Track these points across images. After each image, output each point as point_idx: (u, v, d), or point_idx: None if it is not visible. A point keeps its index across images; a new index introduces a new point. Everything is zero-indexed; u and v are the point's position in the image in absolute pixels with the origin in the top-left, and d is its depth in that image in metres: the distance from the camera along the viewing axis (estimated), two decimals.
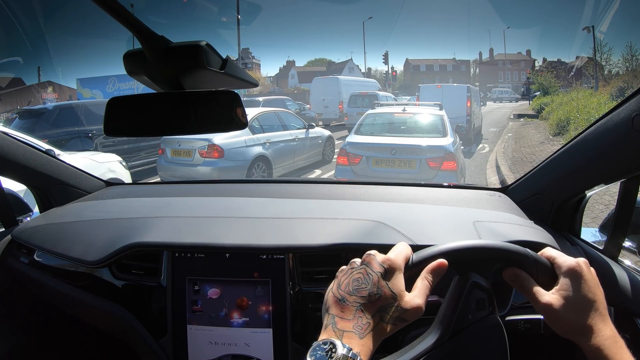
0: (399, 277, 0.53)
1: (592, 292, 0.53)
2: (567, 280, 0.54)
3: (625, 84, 11.56)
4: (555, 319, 0.53)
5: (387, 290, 0.51)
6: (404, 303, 0.51)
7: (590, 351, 0.51)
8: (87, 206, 1.23)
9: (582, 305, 0.52)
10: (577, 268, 0.54)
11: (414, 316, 0.51)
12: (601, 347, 0.50)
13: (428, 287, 0.53)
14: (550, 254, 0.57)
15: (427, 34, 50.27)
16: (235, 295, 0.93)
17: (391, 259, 0.54)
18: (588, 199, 1.02)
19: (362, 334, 0.48)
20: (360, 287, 0.51)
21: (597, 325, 0.52)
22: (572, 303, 0.52)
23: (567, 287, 0.53)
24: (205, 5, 13.19)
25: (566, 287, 0.53)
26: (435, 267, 0.54)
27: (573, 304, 0.52)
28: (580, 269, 0.54)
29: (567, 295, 0.53)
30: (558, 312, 0.52)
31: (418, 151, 4.38)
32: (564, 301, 0.53)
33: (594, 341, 0.51)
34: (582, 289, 0.53)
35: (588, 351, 0.51)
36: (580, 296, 0.53)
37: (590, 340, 0.51)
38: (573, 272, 0.54)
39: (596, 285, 0.54)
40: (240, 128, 0.64)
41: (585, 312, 0.52)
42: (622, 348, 0.51)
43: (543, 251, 0.58)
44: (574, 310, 0.52)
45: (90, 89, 15.06)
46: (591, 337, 0.51)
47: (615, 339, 0.51)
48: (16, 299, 1.13)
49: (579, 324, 0.52)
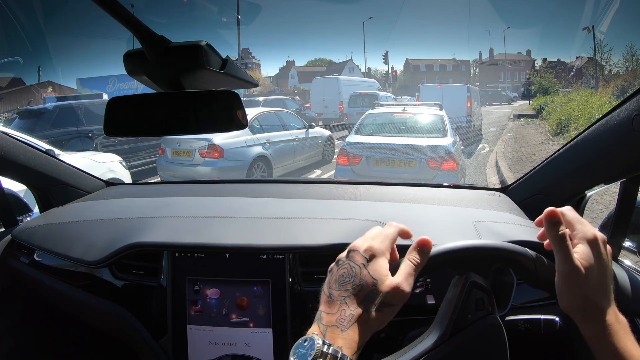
0: (381, 263, 0.51)
1: (604, 271, 0.50)
2: (586, 248, 0.51)
3: (625, 84, 11.55)
4: (571, 289, 0.49)
5: (368, 278, 0.50)
6: (384, 286, 0.49)
7: (591, 335, 0.49)
8: (87, 206, 1.23)
9: (594, 282, 0.49)
10: (595, 240, 0.51)
11: (397, 299, 0.49)
12: (605, 331, 0.48)
13: (412, 267, 0.51)
14: (571, 217, 0.53)
15: (427, 34, 50.35)
16: (235, 295, 0.93)
17: (374, 248, 0.52)
18: (588, 199, 1.02)
19: (345, 327, 0.47)
20: (344, 281, 0.51)
21: (604, 308, 0.49)
22: (588, 275, 0.49)
23: (585, 256, 0.50)
24: (205, 5, 13.19)
25: (584, 256, 0.50)
26: (417, 245, 0.53)
27: (588, 277, 0.49)
28: (598, 241, 0.51)
29: (586, 265, 0.49)
30: (579, 281, 0.49)
31: (418, 151, 4.38)
32: (583, 271, 0.49)
33: (598, 324, 0.48)
34: (597, 263, 0.50)
35: (589, 334, 0.49)
36: (594, 270, 0.50)
37: (593, 322, 0.49)
38: (592, 241, 0.51)
39: (608, 265, 0.51)
40: (240, 128, 0.64)
41: (594, 290, 0.49)
42: (627, 334, 0.48)
43: (564, 210, 0.54)
44: (587, 284, 0.49)
45: (90, 89, 15.06)
46: (595, 319, 0.49)
47: (619, 324, 0.49)
48: (16, 299, 1.13)
49: (586, 301, 0.49)
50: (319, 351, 0.44)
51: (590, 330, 0.49)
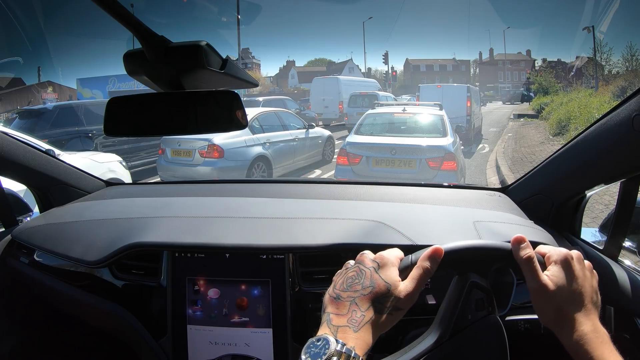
0: (391, 270, 0.54)
1: (578, 284, 0.53)
2: (557, 267, 0.54)
3: (625, 84, 11.55)
4: (543, 303, 0.53)
5: (380, 282, 0.52)
6: (398, 292, 0.52)
7: (569, 344, 0.51)
8: (87, 206, 1.23)
9: (567, 296, 0.52)
10: (567, 257, 0.54)
11: (407, 303, 0.52)
12: (580, 341, 0.49)
13: (422, 275, 0.53)
14: (543, 251, 0.57)
15: (427, 34, 50.36)
16: (235, 295, 0.93)
17: (383, 255, 0.55)
18: (588, 199, 1.02)
19: (356, 328, 0.48)
20: (354, 283, 0.52)
21: (579, 319, 0.51)
22: (558, 291, 0.52)
23: (555, 273, 0.53)
24: (205, 5, 13.19)
25: (555, 273, 0.53)
26: (431, 254, 0.54)
27: (559, 293, 0.52)
28: (569, 259, 0.54)
29: (555, 282, 0.52)
30: (549, 295, 0.52)
31: (418, 151, 4.38)
32: (553, 288, 0.52)
33: (573, 334, 0.50)
34: (568, 279, 0.53)
35: (567, 345, 0.51)
36: (566, 285, 0.52)
37: (569, 332, 0.50)
38: (562, 261, 0.54)
39: (584, 279, 0.54)
40: (240, 128, 0.64)
41: (568, 303, 0.52)
42: (604, 344, 0.50)
43: (538, 248, 0.57)
44: (559, 298, 0.52)
45: (90, 89, 15.07)
46: (571, 329, 0.51)
47: (596, 334, 0.50)
48: (16, 299, 1.13)
49: (561, 314, 0.51)
50: (334, 350, 0.45)
51: (567, 340, 0.51)
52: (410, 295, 0.52)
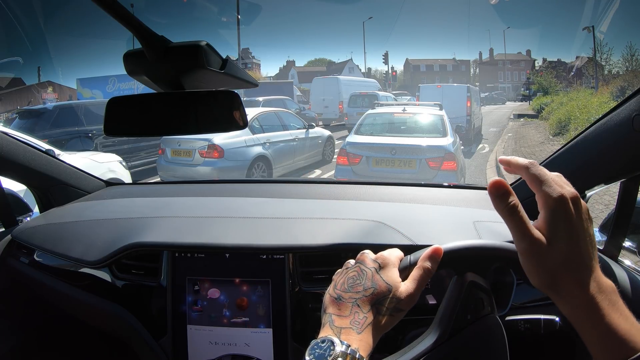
0: (393, 271, 0.53)
1: (577, 236, 0.43)
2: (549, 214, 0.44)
3: (625, 84, 11.55)
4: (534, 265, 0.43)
5: (381, 283, 0.52)
6: (399, 293, 0.51)
7: (569, 312, 0.43)
8: (87, 206, 1.23)
9: (564, 253, 0.42)
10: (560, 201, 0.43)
11: (408, 304, 0.52)
12: (584, 308, 0.41)
13: (423, 276, 0.53)
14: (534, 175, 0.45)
15: (427, 34, 50.37)
16: (235, 295, 0.93)
17: (384, 255, 0.55)
18: (588, 199, 1.02)
19: (360, 329, 0.48)
20: (355, 284, 0.52)
21: (581, 281, 0.42)
22: (553, 248, 0.43)
23: (549, 224, 0.43)
24: (205, 5, 13.19)
25: (548, 223, 0.43)
26: (431, 254, 0.54)
27: (554, 250, 0.43)
28: (565, 202, 0.43)
29: (549, 237, 0.43)
30: (541, 255, 0.43)
31: (418, 151, 4.38)
32: (546, 244, 0.43)
33: (575, 300, 0.42)
34: (564, 231, 0.43)
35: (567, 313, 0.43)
36: (563, 240, 0.43)
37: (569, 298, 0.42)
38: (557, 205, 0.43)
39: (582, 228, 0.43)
40: (240, 128, 0.64)
41: (565, 264, 0.42)
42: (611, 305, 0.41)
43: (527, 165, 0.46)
44: (554, 258, 0.42)
45: (90, 89, 15.06)
46: (571, 294, 0.42)
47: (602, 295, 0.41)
48: (16, 299, 1.13)
49: (557, 275, 0.42)
50: (339, 352, 0.45)
51: (566, 307, 0.43)
52: (411, 296, 0.52)
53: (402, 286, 0.52)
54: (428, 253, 0.54)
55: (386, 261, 0.54)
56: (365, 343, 0.48)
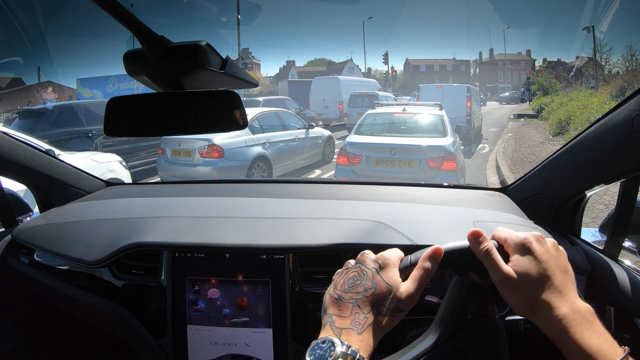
0: (393, 271, 0.53)
1: (543, 267, 0.50)
2: (517, 255, 0.51)
3: (625, 84, 11.55)
4: (512, 294, 0.50)
5: (382, 284, 0.52)
6: (399, 293, 0.51)
7: (547, 331, 0.48)
8: (87, 206, 1.23)
9: (534, 281, 0.49)
10: (525, 242, 0.51)
11: (408, 305, 0.52)
12: (557, 326, 0.46)
13: (423, 276, 0.53)
14: (500, 235, 0.54)
15: (427, 34, 50.38)
16: (235, 295, 0.93)
17: (384, 256, 0.55)
18: (588, 199, 1.02)
19: (360, 330, 0.48)
20: (355, 284, 0.52)
21: (553, 303, 0.47)
22: (523, 279, 0.49)
23: (517, 261, 0.50)
24: (205, 5, 13.20)
25: (516, 262, 0.50)
26: (431, 254, 0.54)
27: (525, 280, 0.49)
28: (528, 243, 0.51)
29: (518, 270, 0.50)
30: (513, 286, 0.49)
31: (418, 151, 4.38)
32: (517, 276, 0.50)
33: (549, 320, 0.47)
34: (531, 264, 0.50)
35: (546, 332, 0.48)
36: (531, 271, 0.49)
37: (545, 319, 0.48)
38: (520, 246, 0.51)
39: (549, 260, 0.50)
40: (240, 128, 0.64)
41: (537, 289, 0.49)
42: (583, 325, 0.46)
43: (494, 233, 0.55)
44: (526, 286, 0.49)
45: (90, 89, 15.06)
46: (546, 315, 0.47)
47: (574, 315, 0.46)
48: (16, 299, 1.13)
49: (532, 301, 0.49)
50: (340, 352, 0.45)
51: (546, 327, 0.48)
52: (412, 296, 0.52)
53: (403, 286, 0.52)
54: (428, 253, 0.54)
55: (386, 261, 0.54)
56: (366, 343, 0.48)
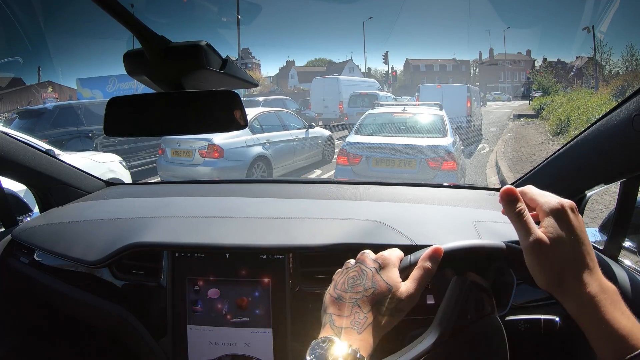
0: (393, 271, 0.53)
1: (578, 237, 0.47)
2: (550, 219, 0.48)
3: (625, 84, 11.55)
4: (540, 263, 0.47)
5: (382, 283, 0.52)
6: (399, 293, 0.51)
7: (574, 309, 0.45)
8: (87, 206, 1.23)
9: (566, 252, 0.46)
10: (560, 209, 0.48)
11: (408, 305, 0.52)
12: (588, 305, 0.44)
13: (423, 276, 0.53)
14: (532, 195, 0.51)
15: (427, 34, 50.39)
16: (235, 295, 0.93)
17: (384, 255, 0.55)
18: (588, 199, 1.02)
19: (360, 329, 0.48)
20: (355, 284, 0.52)
21: (584, 279, 0.45)
22: (556, 246, 0.46)
23: (551, 227, 0.47)
24: (205, 5, 13.20)
25: (550, 227, 0.47)
26: (431, 254, 0.54)
27: (557, 248, 0.46)
28: (563, 211, 0.48)
29: (551, 236, 0.46)
30: (545, 252, 0.46)
31: (418, 151, 4.38)
32: (549, 242, 0.46)
33: (579, 297, 0.45)
34: (565, 232, 0.47)
35: (572, 310, 0.46)
36: (564, 240, 0.46)
37: (573, 295, 0.45)
38: (556, 211, 0.48)
39: (582, 232, 0.48)
40: (240, 128, 0.64)
41: (568, 260, 0.46)
42: (613, 304, 0.44)
43: (524, 189, 0.52)
44: (557, 255, 0.46)
45: (90, 89, 15.07)
46: (575, 292, 0.45)
47: (605, 294, 0.44)
48: (16, 299, 1.13)
49: (561, 274, 0.46)
50: (340, 351, 0.45)
51: (572, 305, 0.45)
52: (412, 296, 0.52)
53: (403, 286, 0.52)
54: (428, 253, 0.54)
55: (386, 261, 0.54)
56: (366, 343, 0.48)
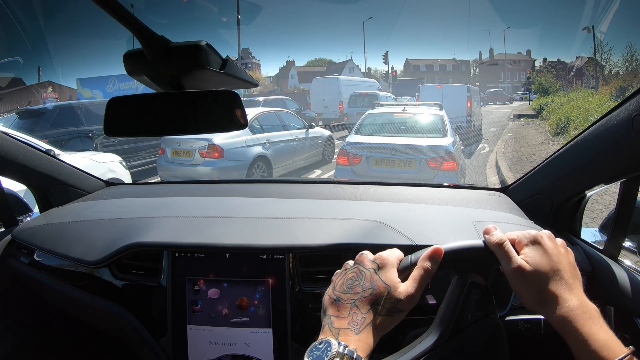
0: (391, 271, 0.54)
1: (554, 261, 0.52)
2: (529, 248, 0.53)
3: (625, 84, 11.55)
4: (523, 286, 0.52)
5: (380, 283, 0.52)
6: (398, 293, 0.51)
7: (556, 323, 0.49)
8: (87, 206, 1.23)
9: (545, 274, 0.51)
10: (537, 238, 0.54)
11: (407, 305, 0.52)
12: (567, 317, 0.48)
13: (423, 276, 0.53)
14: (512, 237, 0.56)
15: (427, 34, 50.32)
16: (235, 295, 0.93)
17: (382, 256, 0.55)
18: (588, 199, 1.02)
19: (358, 330, 0.49)
20: (354, 285, 0.52)
21: (563, 295, 0.50)
22: (535, 270, 0.51)
23: (529, 254, 0.52)
24: (205, 5, 13.20)
25: (528, 254, 0.53)
26: (431, 254, 0.54)
27: (536, 272, 0.51)
28: (540, 239, 0.54)
29: (530, 262, 0.52)
30: (525, 277, 0.51)
31: (418, 151, 4.38)
32: (529, 268, 0.51)
33: (559, 311, 0.49)
34: (543, 257, 0.52)
35: (554, 323, 0.50)
36: (542, 264, 0.51)
37: (554, 310, 0.49)
38: (533, 241, 0.54)
39: (559, 255, 0.53)
40: (240, 128, 0.64)
41: (548, 281, 0.51)
42: (592, 319, 0.48)
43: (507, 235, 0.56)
44: (538, 278, 0.51)
45: (90, 89, 15.05)
46: (556, 307, 0.49)
47: (583, 309, 0.49)
48: (16, 299, 1.13)
49: (543, 293, 0.50)
50: (336, 352, 0.45)
51: (554, 319, 0.50)
52: (411, 296, 0.52)
53: (402, 286, 0.52)
54: (428, 253, 0.54)
55: (385, 261, 0.54)
56: (364, 343, 0.48)
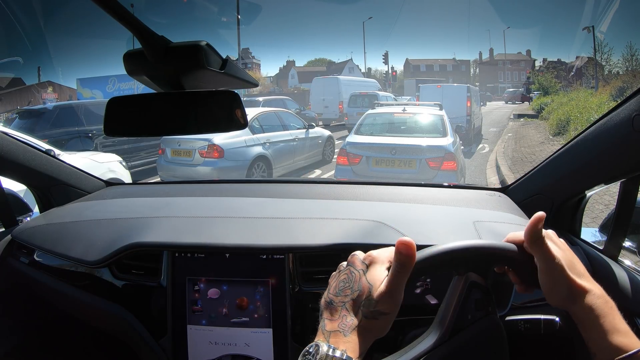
0: (378, 269, 0.51)
1: (569, 255, 0.54)
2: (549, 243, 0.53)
3: (625, 84, 11.54)
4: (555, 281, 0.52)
5: (365, 284, 0.50)
6: (376, 293, 0.49)
7: (582, 313, 0.50)
8: (87, 206, 1.23)
9: (569, 268, 0.52)
10: (548, 235, 0.54)
11: (388, 306, 0.49)
12: (592, 306, 0.50)
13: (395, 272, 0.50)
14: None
15: (427, 34, 50.19)
16: (235, 295, 0.93)
17: (372, 255, 0.53)
18: (588, 199, 1.02)
19: (346, 332, 0.48)
20: (345, 287, 0.52)
21: (587, 286, 0.51)
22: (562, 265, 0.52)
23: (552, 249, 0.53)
24: (205, 5, 13.20)
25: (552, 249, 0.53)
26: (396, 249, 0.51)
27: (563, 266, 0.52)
28: (551, 236, 0.54)
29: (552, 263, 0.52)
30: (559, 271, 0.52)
31: (418, 151, 4.38)
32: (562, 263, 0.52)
33: (586, 301, 0.50)
34: (560, 253, 0.53)
35: (580, 314, 0.51)
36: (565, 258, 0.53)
37: (583, 301, 0.50)
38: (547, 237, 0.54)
39: (569, 250, 0.55)
40: (240, 128, 0.64)
41: (573, 274, 0.52)
42: (613, 309, 0.50)
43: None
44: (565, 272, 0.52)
45: (90, 89, 15.04)
46: (584, 298, 0.51)
47: (605, 298, 0.51)
48: (16, 299, 1.13)
49: (572, 287, 0.51)
50: (324, 354, 0.45)
51: (580, 311, 0.51)
52: (385, 295, 0.49)
53: (380, 285, 0.50)
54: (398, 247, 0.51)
55: (374, 260, 0.52)
56: (354, 344, 0.47)
